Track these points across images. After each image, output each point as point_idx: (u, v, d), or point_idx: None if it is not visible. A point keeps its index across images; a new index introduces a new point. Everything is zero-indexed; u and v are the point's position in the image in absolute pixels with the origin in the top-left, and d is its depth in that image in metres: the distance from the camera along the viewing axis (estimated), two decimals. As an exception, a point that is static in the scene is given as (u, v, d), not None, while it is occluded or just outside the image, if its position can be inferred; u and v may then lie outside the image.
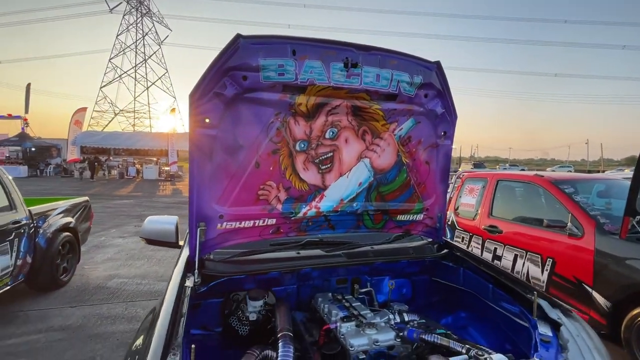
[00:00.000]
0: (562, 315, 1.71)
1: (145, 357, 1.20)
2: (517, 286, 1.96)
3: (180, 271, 1.86)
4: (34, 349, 3.42)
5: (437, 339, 1.62)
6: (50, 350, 3.39)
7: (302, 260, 2.18)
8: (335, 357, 1.55)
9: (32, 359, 3.26)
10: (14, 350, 3.39)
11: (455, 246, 2.54)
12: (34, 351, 3.37)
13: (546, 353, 1.46)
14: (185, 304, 1.61)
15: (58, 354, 3.34)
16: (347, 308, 2.06)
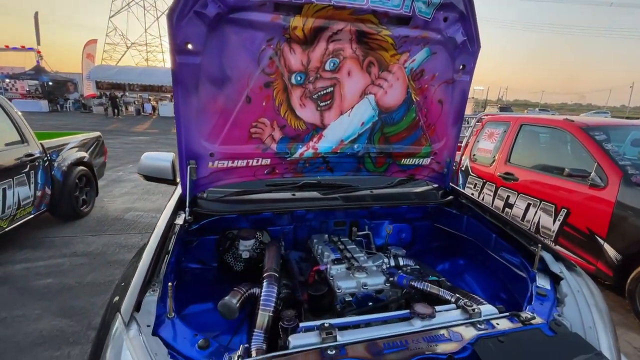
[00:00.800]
0: (564, 269, 1.62)
1: (125, 293, 1.20)
2: (521, 237, 1.85)
3: (171, 208, 1.84)
4: (59, 271, 3.74)
5: (427, 287, 1.58)
6: (74, 273, 3.71)
7: (298, 202, 2.11)
8: (322, 298, 1.56)
9: (59, 279, 3.58)
10: (43, 271, 3.72)
11: (462, 193, 2.40)
12: (60, 273, 3.70)
13: (540, 306, 1.40)
14: (172, 241, 1.60)
15: (81, 276, 3.64)
16: (341, 250, 2.03)
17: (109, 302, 1.27)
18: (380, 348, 1.12)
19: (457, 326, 1.25)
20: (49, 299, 3.23)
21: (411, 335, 1.19)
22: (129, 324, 1.09)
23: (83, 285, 3.47)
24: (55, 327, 2.87)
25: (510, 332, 1.23)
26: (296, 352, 1.08)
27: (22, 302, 3.17)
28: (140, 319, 1.13)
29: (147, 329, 1.10)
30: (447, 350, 1.13)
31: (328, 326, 1.17)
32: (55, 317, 2.99)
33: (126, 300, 1.16)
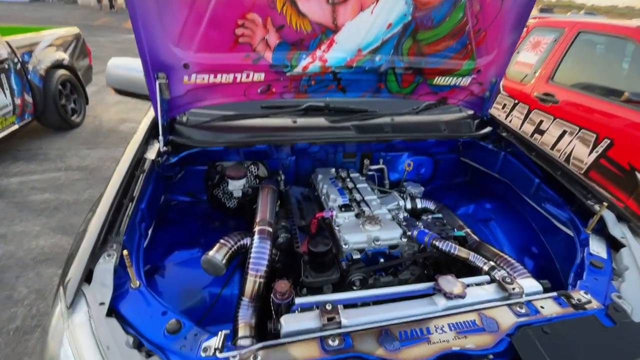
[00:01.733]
0: (629, 232, 1.30)
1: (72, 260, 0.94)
2: (576, 188, 1.49)
3: (140, 138, 1.46)
4: (56, 186, 3.61)
5: (454, 250, 1.31)
6: (71, 189, 3.58)
7: (299, 131, 1.70)
8: (324, 254, 1.31)
9: (56, 194, 3.47)
10: (39, 185, 3.59)
11: (502, 123, 1.95)
12: (56, 188, 3.57)
13: (594, 282, 1.13)
14: (139, 182, 1.28)
15: (78, 192, 3.52)
16: (349, 191, 1.72)
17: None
18: (394, 338, 0.89)
19: (492, 308, 1.00)
20: (48, 216, 3.16)
21: (434, 320, 0.95)
22: (73, 305, 0.85)
23: (80, 202, 3.36)
24: (56, 244, 2.84)
25: (558, 319, 0.98)
26: (288, 343, 0.86)
27: (21, 218, 3.11)
28: (91, 296, 0.88)
29: (100, 308, 0.86)
30: (481, 345, 0.89)
31: (330, 309, 0.93)
32: (56, 234, 2.95)
33: (71, 271, 0.90)
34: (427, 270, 1.48)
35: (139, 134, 1.50)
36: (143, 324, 0.88)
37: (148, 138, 1.50)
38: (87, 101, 5.31)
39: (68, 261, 0.95)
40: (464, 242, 1.51)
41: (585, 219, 1.39)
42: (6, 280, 2.46)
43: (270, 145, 1.63)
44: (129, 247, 1.09)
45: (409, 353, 0.86)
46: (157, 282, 1.31)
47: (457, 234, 1.50)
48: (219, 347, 0.83)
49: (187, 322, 0.90)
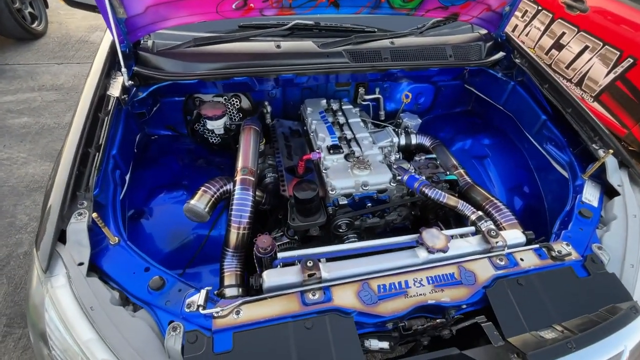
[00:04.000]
0: (627, 181, 1.25)
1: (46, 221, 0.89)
2: (585, 129, 1.37)
3: (99, 71, 1.27)
4: (33, 108, 3.39)
5: (442, 198, 1.27)
6: (49, 111, 3.38)
7: (283, 58, 1.48)
8: (310, 200, 1.27)
9: (35, 118, 3.29)
10: (14, 108, 3.38)
11: (518, 47, 1.70)
12: (34, 111, 3.36)
13: (578, 233, 1.13)
14: (106, 124, 1.15)
15: (57, 116, 3.34)
16: (340, 127, 1.60)
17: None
18: (373, 292, 0.92)
19: (472, 261, 1.01)
20: (31, 142, 3.05)
21: (413, 273, 0.97)
22: (50, 268, 0.84)
23: (62, 127, 3.21)
24: (46, 171, 2.81)
25: (534, 271, 1.01)
26: (269, 298, 0.89)
27: (4, 144, 3.01)
28: (68, 257, 0.87)
29: (79, 269, 0.86)
30: (456, 298, 0.93)
31: (312, 265, 0.93)
32: (44, 161, 2.90)
33: (43, 233, 0.87)
34: (414, 211, 1.48)
35: (97, 65, 1.29)
36: (126, 280, 0.89)
37: (109, 70, 1.31)
38: (47, 4, 4.61)
39: (41, 220, 0.91)
40: (455, 184, 1.47)
41: (587, 163, 1.32)
42: (4, 208, 2.51)
43: (251, 77, 1.43)
44: (103, 200, 1.04)
45: (386, 307, 0.90)
46: (144, 225, 1.31)
47: (448, 177, 1.45)
48: (202, 303, 0.85)
49: (170, 278, 0.92)
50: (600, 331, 0.88)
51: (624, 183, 1.23)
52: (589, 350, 0.85)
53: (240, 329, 0.83)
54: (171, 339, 0.80)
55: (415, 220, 1.50)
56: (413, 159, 1.56)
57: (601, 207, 1.22)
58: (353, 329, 0.85)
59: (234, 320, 0.85)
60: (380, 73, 1.58)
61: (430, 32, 1.73)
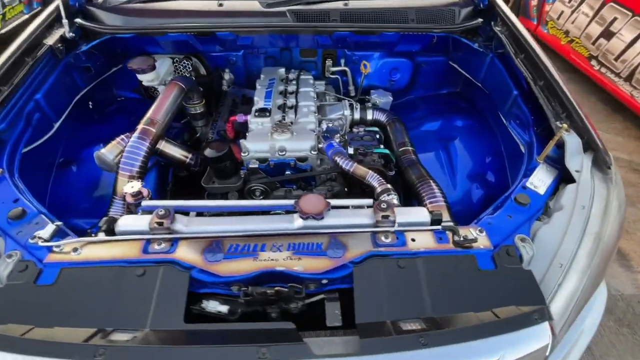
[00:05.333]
0: (588, 166, 0.99)
1: None
2: (554, 104, 1.13)
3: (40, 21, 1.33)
4: None
5: (350, 167, 1.12)
6: None
7: (224, 17, 1.42)
8: (221, 160, 1.21)
9: None
10: None
11: (501, 13, 1.45)
12: None
13: (505, 220, 0.92)
14: (26, 67, 1.20)
15: None
16: (285, 95, 1.51)
17: None
18: (220, 250, 0.83)
19: (350, 234, 0.87)
20: None
21: (275, 237, 0.87)
22: None
23: None
24: None
25: (424, 254, 0.84)
26: (112, 241, 0.85)
27: None
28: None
29: None
30: (310, 269, 0.80)
31: (163, 213, 0.87)
32: None
33: None
34: (346, 187, 1.34)
35: (43, 16, 1.36)
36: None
37: (53, 21, 1.36)
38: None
39: None
40: (388, 160, 1.30)
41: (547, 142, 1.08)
42: None
43: (186, 33, 1.40)
44: (6, 137, 1.08)
45: (227, 267, 0.81)
46: (71, 172, 1.35)
47: (378, 150, 1.29)
48: (46, 237, 0.84)
49: (34, 212, 0.92)
50: (471, 332, 0.70)
51: (583, 168, 0.98)
52: (447, 350, 0.68)
53: (71, 265, 0.81)
54: (2, 265, 0.80)
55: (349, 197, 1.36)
56: (352, 131, 1.41)
57: (549, 195, 0.99)
58: (184, 285, 0.78)
59: (69, 257, 0.82)
60: (326, 36, 1.45)
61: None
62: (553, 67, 1.20)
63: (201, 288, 0.83)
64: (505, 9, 1.46)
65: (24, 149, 1.14)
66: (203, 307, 0.82)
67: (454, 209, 1.29)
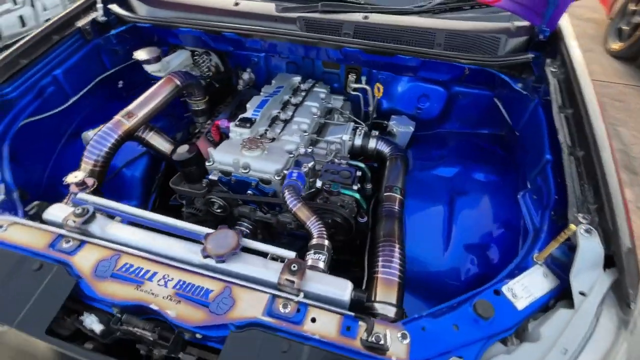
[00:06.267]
0: (603, 291, 0.68)
1: None
2: (586, 186, 0.82)
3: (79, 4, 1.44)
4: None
5: (294, 206, 0.97)
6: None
7: (237, 17, 1.36)
8: (186, 164, 1.16)
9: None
10: None
11: (565, 51, 1.11)
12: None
13: (446, 331, 0.69)
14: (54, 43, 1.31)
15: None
16: (284, 106, 1.40)
17: None
18: (114, 267, 0.78)
19: (249, 290, 0.74)
20: None
21: (171, 269, 0.78)
22: None
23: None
24: None
25: (316, 345, 0.67)
26: (32, 227, 0.86)
27: None
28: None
29: None
30: (185, 318, 0.71)
31: (80, 211, 0.85)
32: None
33: None
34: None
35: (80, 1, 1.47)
36: None
37: (91, 6, 1.47)
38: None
39: None
40: (357, 205, 1.10)
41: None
42: None
43: (197, 29, 1.38)
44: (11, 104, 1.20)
45: (108, 287, 0.76)
46: (78, 144, 1.46)
47: (346, 192, 1.09)
48: None
49: None
50: None
51: (592, 292, 0.68)
52: None
53: None
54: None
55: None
56: (331, 162, 1.24)
57: (532, 312, 0.71)
58: (65, 293, 0.75)
59: (-7, 233, 0.86)
60: (336, 50, 1.28)
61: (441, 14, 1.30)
62: (606, 134, 0.87)
63: (91, 301, 0.80)
64: (571, 45, 1.12)
65: (31, 119, 1.26)
66: (81, 320, 0.79)
67: (433, 281, 1.06)
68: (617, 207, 0.74)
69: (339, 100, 1.64)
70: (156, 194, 1.51)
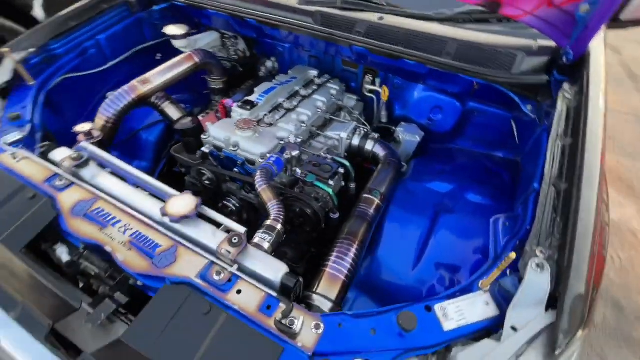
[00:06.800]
0: (535, 331, 0.63)
1: None
2: (556, 220, 0.76)
3: None
4: None
5: (260, 186, 0.99)
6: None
7: (262, 6, 1.42)
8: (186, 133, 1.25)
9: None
10: None
11: (586, 77, 1.01)
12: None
13: (362, 334, 0.68)
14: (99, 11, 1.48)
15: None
16: (291, 97, 1.44)
17: None
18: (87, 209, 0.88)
19: (192, 251, 0.79)
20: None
21: (134, 220, 0.86)
22: None
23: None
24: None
25: (233, 314, 0.70)
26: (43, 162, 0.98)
27: None
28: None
29: None
30: (129, 263, 0.78)
31: (76, 156, 0.97)
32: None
33: None
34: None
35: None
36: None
37: None
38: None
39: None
40: (329, 201, 1.10)
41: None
42: None
43: (222, 12, 1.46)
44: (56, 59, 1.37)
45: (79, 224, 0.85)
46: None
47: (320, 185, 1.09)
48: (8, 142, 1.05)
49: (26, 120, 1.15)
50: None
51: (523, 330, 0.63)
52: None
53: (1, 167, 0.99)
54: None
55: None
56: (318, 155, 1.24)
57: (454, 337, 0.67)
58: (46, 221, 0.86)
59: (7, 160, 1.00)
60: (347, 47, 1.28)
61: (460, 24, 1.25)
62: (598, 169, 0.79)
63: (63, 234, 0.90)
64: (596, 71, 1.02)
65: (71, 75, 1.44)
66: (54, 249, 0.90)
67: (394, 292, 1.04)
68: (580, 248, 0.67)
69: (352, 99, 1.64)
70: (166, 160, 1.64)
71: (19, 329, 0.66)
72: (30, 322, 0.67)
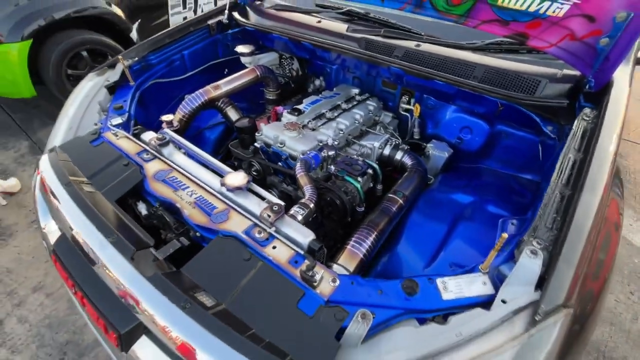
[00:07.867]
0: (522, 303, 0.71)
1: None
2: (554, 216, 0.84)
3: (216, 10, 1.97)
4: None
5: (298, 172, 1.18)
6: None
7: (314, 31, 1.68)
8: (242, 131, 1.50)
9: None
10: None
11: (605, 104, 1.09)
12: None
13: (371, 292, 0.81)
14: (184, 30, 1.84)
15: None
16: (332, 109, 1.65)
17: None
18: (165, 176, 1.13)
19: (240, 214, 0.99)
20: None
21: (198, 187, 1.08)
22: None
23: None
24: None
25: (268, 262, 0.87)
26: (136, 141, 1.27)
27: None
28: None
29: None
30: (193, 217, 0.99)
31: (160, 137, 1.24)
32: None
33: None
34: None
35: (218, 5, 2.01)
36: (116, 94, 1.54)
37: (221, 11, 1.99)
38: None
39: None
40: (356, 195, 1.25)
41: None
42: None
43: (283, 36, 1.75)
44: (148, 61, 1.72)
45: (158, 186, 1.09)
46: None
47: (350, 179, 1.25)
48: (113, 124, 1.36)
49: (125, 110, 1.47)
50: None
51: (512, 301, 0.71)
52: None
53: (107, 141, 1.28)
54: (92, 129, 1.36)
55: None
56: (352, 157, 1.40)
57: (450, 306, 0.78)
58: (134, 181, 1.12)
59: (112, 137, 1.30)
60: (385, 68, 1.46)
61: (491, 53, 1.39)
62: (604, 181, 0.86)
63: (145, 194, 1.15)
64: (617, 99, 1.10)
65: (159, 80, 1.79)
66: (137, 204, 1.15)
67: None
68: (572, 240, 0.76)
69: (388, 116, 1.81)
70: (222, 156, 1.91)
71: (113, 250, 0.88)
72: (121, 246, 0.89)
